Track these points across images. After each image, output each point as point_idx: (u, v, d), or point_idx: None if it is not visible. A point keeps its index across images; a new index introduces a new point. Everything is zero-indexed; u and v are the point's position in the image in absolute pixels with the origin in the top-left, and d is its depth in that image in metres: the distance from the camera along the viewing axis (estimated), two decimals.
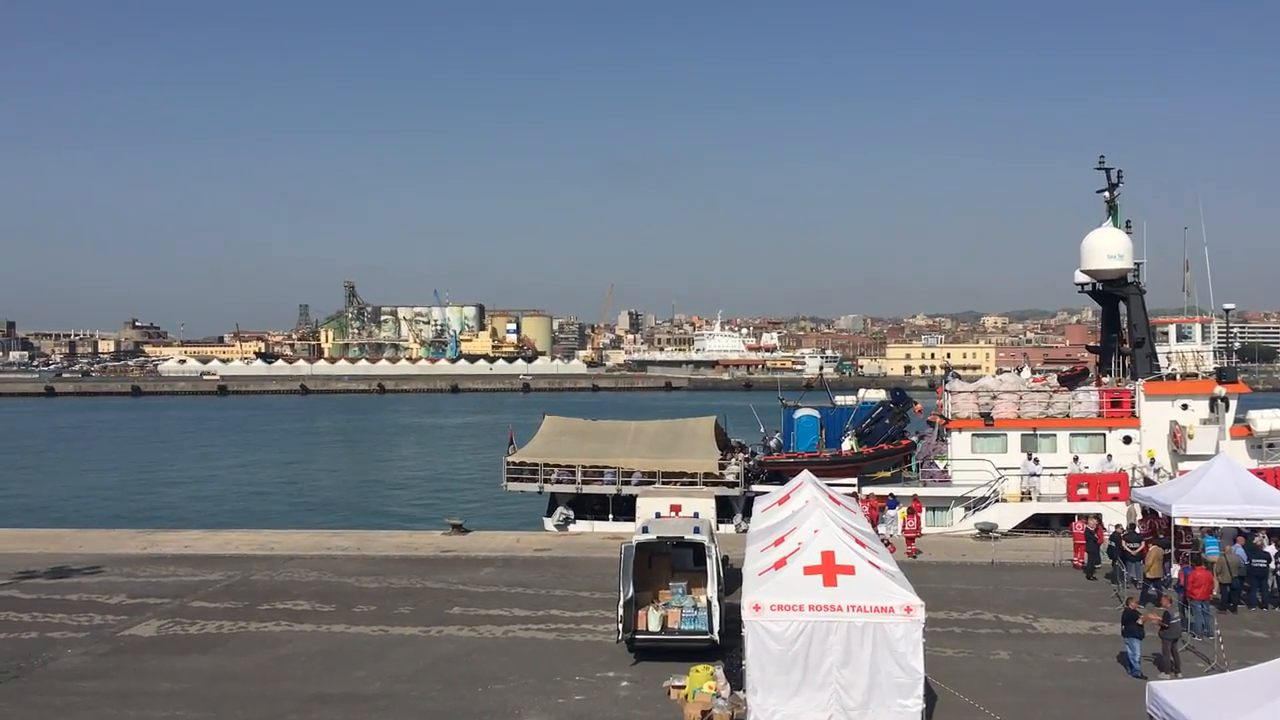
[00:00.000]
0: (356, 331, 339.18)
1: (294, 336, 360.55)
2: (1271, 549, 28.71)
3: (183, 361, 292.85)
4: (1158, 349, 43.67)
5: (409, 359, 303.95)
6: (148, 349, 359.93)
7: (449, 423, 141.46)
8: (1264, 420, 40.57)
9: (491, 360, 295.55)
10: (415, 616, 27.50)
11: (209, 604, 28.84)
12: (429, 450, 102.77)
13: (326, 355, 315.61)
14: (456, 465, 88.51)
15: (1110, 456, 41.16)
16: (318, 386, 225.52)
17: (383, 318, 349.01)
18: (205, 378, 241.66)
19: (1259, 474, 34.44)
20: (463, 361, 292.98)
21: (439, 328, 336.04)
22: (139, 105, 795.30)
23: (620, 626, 23.63)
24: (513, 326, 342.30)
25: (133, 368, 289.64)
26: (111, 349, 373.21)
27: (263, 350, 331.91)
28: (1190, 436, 40.51)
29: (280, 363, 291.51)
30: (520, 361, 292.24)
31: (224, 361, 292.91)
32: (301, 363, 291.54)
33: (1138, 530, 32.87)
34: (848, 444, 41.80)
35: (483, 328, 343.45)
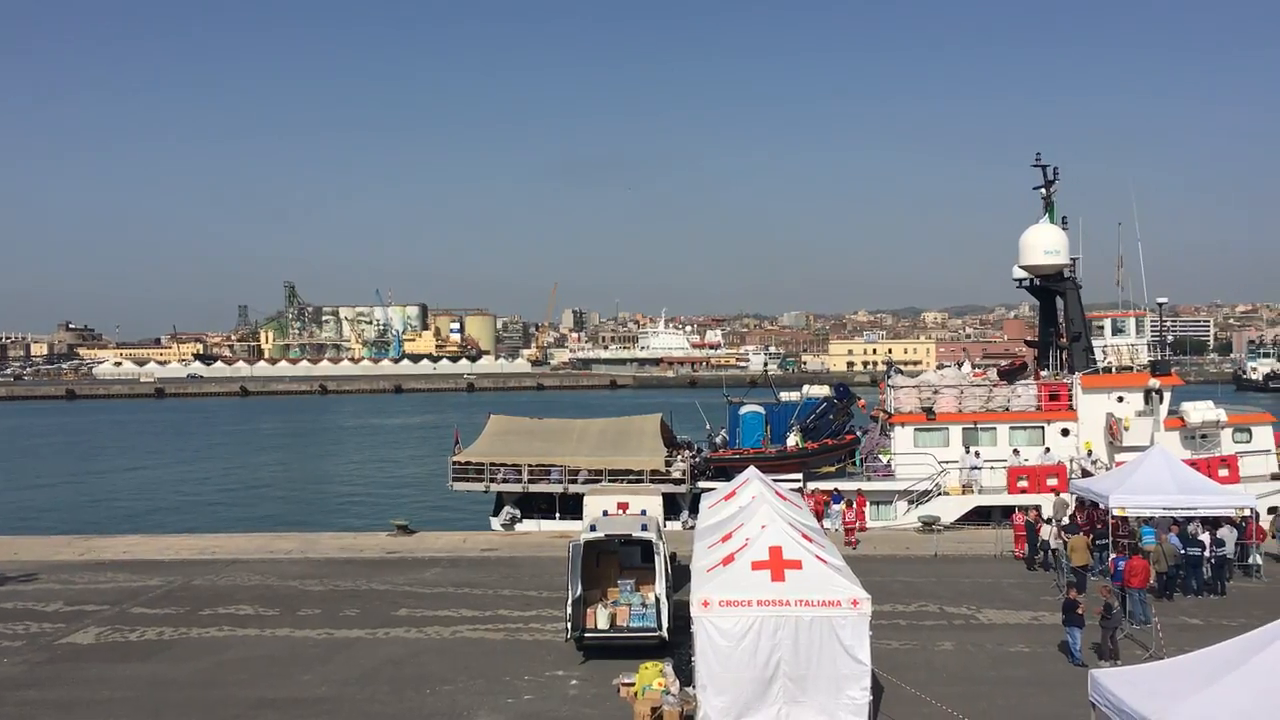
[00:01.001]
0: (297, 332, 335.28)
1: (233, 338, 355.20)
2: (1205, 538, 29.38)
3: (118, 364, 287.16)
4: (1094, 343, 44.47)
5: (351, 359, 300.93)
6: (82, 351, 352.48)
7: (393, 423, 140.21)
8: (1196, 412, 41.51)
9: (435, 360, 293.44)
10: (361, 619, 27.24)
11: (149, 610, 28.33)
12: (373, 451, 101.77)
13: (267, 356, 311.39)
14: (401, 466, 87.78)
15: (1048, 449, 41.87)
16: (258, 388, 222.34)
17: (324, 318, 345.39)
18: (143, 380, 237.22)
19: (1192, 464, 35.36)
20: (406, 361, 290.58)
21: (381, 327, 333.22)
22: (72, 103, 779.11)
23: (569, 625, 23.60)
24: (456, 326, 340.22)
25: (67, 371, 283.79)
26: (44, 352, 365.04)
27: (201, 352, 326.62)
28: (1126, 428, 41.35)
29: (219, 364, 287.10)
30: (464, 361, 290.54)
31: (161, 364, 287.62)
32: (241, 364, 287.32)
33: (1076, 521, 33.52)
34: (793, 440, 42.12)
35: (426, 327, 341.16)
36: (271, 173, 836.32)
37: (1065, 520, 34.08)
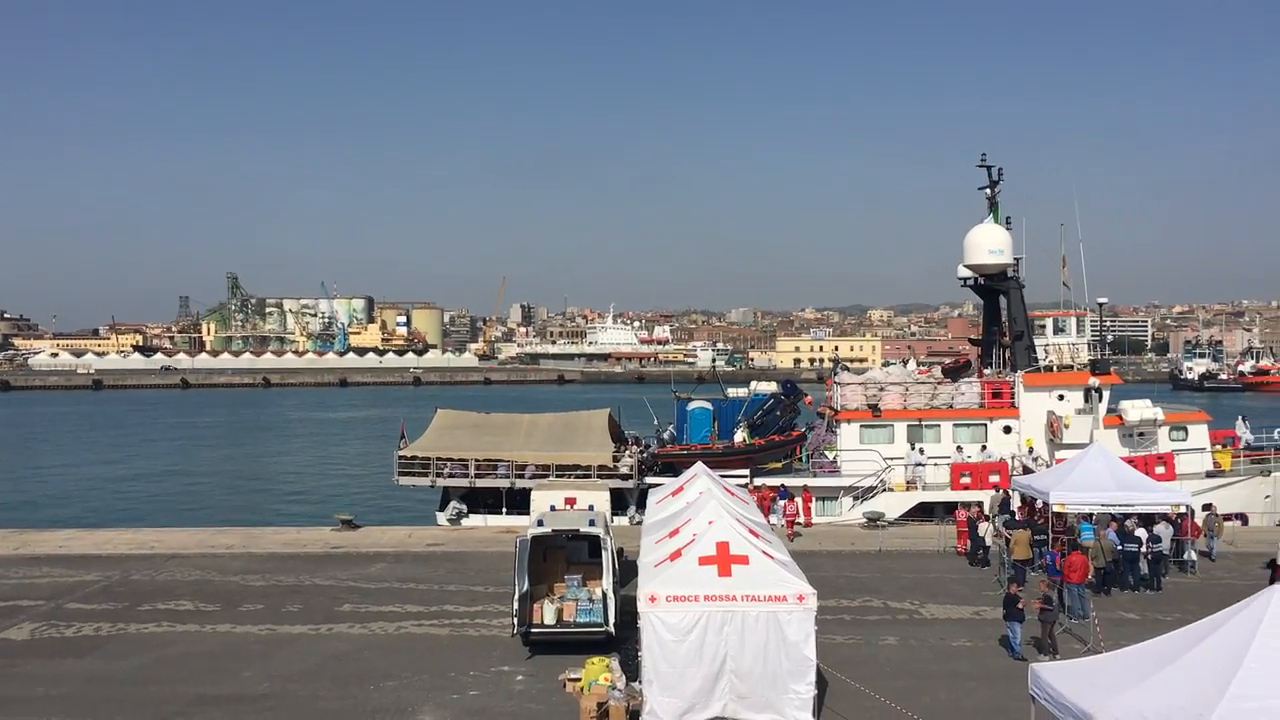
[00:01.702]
0: (240, 324, 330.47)
1: (174, 329, 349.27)
2: (1142, 534, 29.94)
3: (55, 355, 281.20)
4: (1036, 342, 45.11)
5: (295, 352, 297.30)
6: (17, 341, 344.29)
7: (338, 417, 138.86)
8: (1134, 410, 42.27)
9: (381, 353, 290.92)
10: (304, 614, 26.94)
11: (86, 605, 27.80)
12: (317, 445, 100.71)
13: (208, 348, 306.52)
14: (346, 460, 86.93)
15: (984, 447, 42.41)
16: (199, 380, 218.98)
17: (268, 310, 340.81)
18: (80, 372, 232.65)
19: (1130, 462, 35.98)
20: (351, 355, 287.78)
21: (326, 320, 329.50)
22: (9, 93, 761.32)
23: (515, 620, 23.53)
24: (403, 319, 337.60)
25: (1, 362, 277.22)
26: None
27: (140, 343, 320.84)
28: (1066, 426, 42.02)
29: (159, 356, 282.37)
30: (411, 355, 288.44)
31: (99, 355, 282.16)
32: (182, 356, 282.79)
33: (1016, 517, 34.01)
34: (740, 436, 42.31)
35: (372, 320, 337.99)
36: (214, 162, 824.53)
37: (1005, 516, 34.62)
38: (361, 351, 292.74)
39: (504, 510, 41.23)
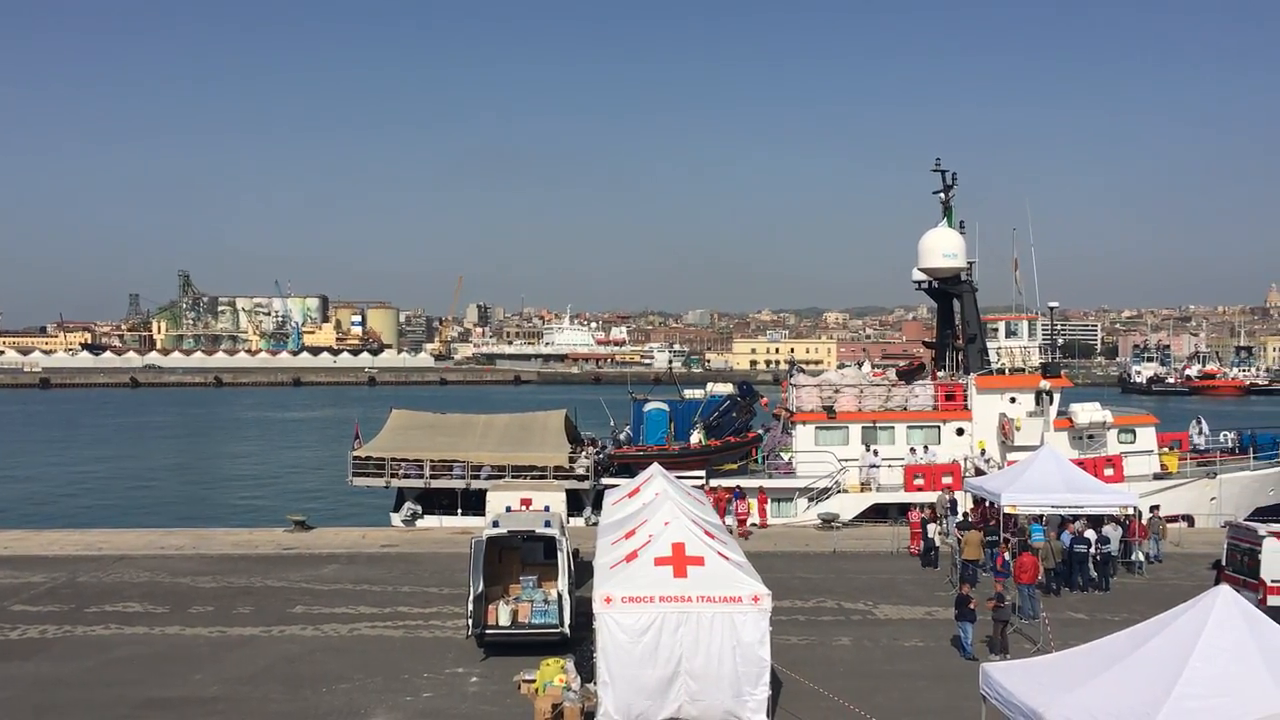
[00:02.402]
0: (192, 322, 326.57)
1: (124, 327, 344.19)
2: (1091, 535, 30.36)
3: (1, 353, 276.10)
4: (988, 345, 45.59)
5: (248, 351, 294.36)
6: None
7: (291, 417, 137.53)
8: (1084, 413, 42.87)
9: (336, 353, 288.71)
10: (255, 616, 26.65)
11: (31, 608, 27.29)
12: (270, 445, 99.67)
13: (159, 347, 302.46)
14: (299, 461, 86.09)
15: (926, 448, 42.77)
16: (149, 379, 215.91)
17: (220, 308, 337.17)
18: (27, 370, 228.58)
19: (1080, 464, 36.50)
20: (305, 354, 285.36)
21: (280, 319, 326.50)
22: None
23: (470, 622, 23.43)
24: (358, 318, 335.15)
25: None
26: None
27: (89, 341, 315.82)
28: (1018, 428, 42.51)
29: (108, 354, 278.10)
30: (366, 354, 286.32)
31: (46, 353, 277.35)
32: (132, 354, 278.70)
33: (969, 518, 34.38)
34: (696, 437, 42.39)
35: (326, 319, 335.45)
36: (166, 158, 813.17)
37: (957, 518, 34.99)
38: (316, 351, 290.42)
39: (459, 511, 41.01)
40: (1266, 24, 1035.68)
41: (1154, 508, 35.49)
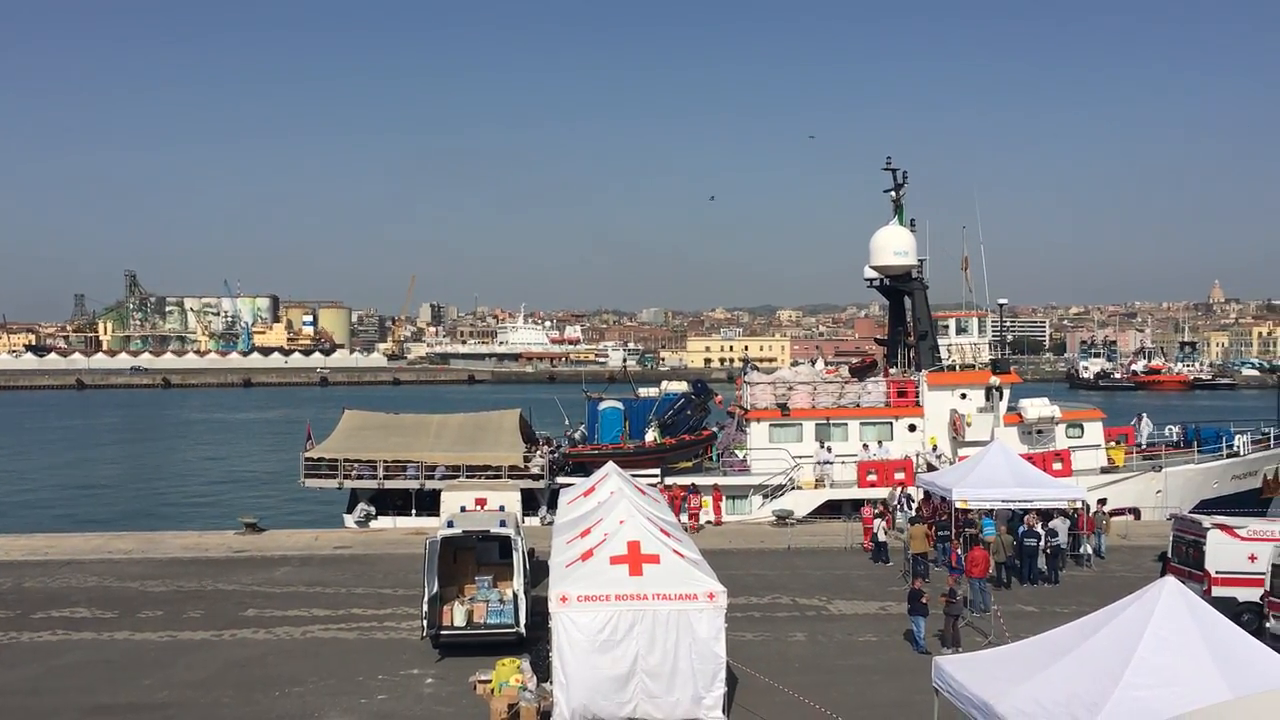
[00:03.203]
0: (139, 323, 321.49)
1: (69, 328, 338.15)
2: (1040, 529, 30.79)
3: None
4: (939, 341, 46.07)
5: (197, 352, 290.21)
6: None
7: (242, 418, 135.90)
8: (1033, 409, 43.44)
9: (287, 353, 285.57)
10: (206, 620, 26.33)
11: None
12: (220, 447, 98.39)
13: (106, 348, 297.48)
14: (250, 462, 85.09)
15: (880, 443, 43.09)
16: (96, 381, 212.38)
17: (168, 309, 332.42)
18: None
19: (1029, 459, 37.02)
20: (256, 354, 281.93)
21: (229, 319, 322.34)
22: None
23: (424, 622, 23.33)
24: (309, 318, 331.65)
25: None
26: None
27: (34, 343, 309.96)
28: (968, 424, 43.01)
29: (53, 356, 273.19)
30: (317, 354, 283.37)
31: None
32: (78, 356, 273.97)
33: (922, 512, 34.75)
34: (651, 435, 42.43)
35: (277, 320, 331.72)
36: (111, 156, 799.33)
37: (909, 511, 35.35)
38: (266, 351, 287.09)
39: (413, 512, 40.78)
40: (1209, 25, 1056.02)
41: (1101, 502, 36.10)
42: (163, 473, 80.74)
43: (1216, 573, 25.06)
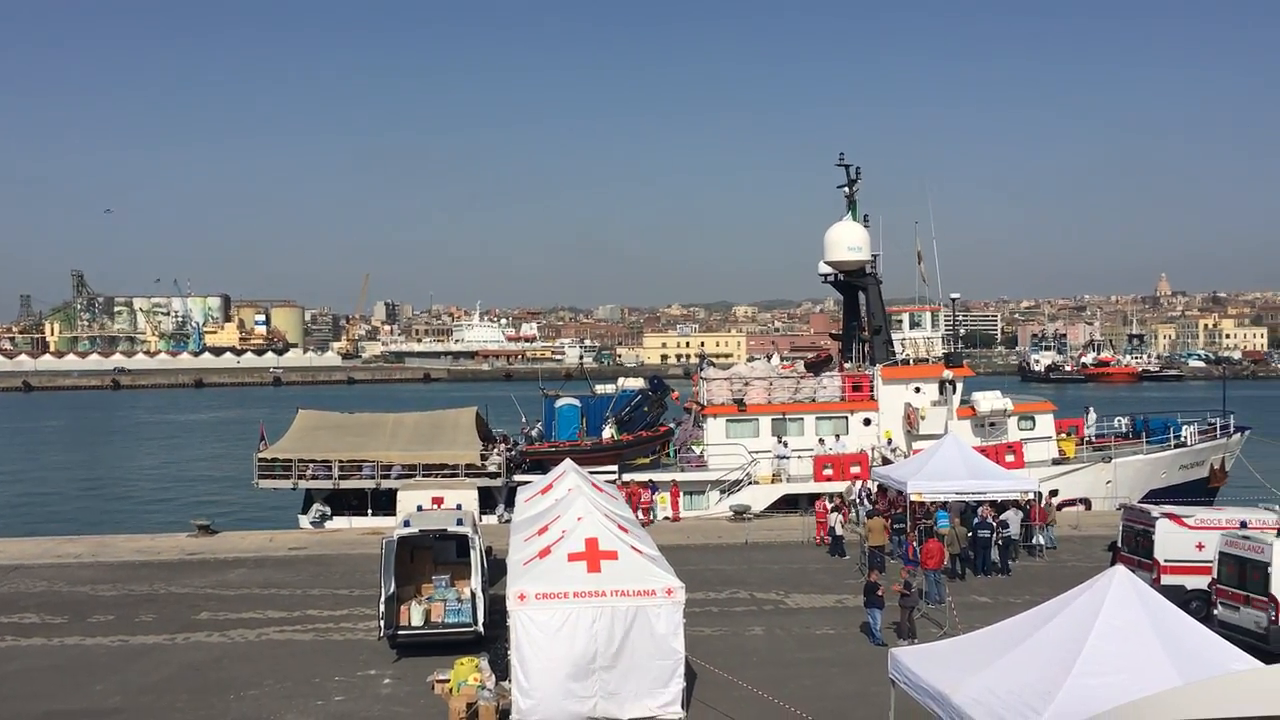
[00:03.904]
0: (87, 323, 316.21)
1: (14, 329, 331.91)
2: (993, 520, 31.17)
3: None
4: (893, 336, 46.46)
5: (147, 352, 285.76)
6: None
7: (193, 419, 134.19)
8: (985, 401, 43.93)
9: (239, 353, 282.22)
10: (159, 624, 26.00)
11: None
12: (172, 449, 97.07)
13: (53, 349, 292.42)
14: (203, 464, 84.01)
15: (836, 437, 43.33)
16: (43, 383, 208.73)
17: (116, 309, 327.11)
18: None
19: (982, 451, 37.45)
20: (207, 354, 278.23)
21: (180, 319, 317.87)
22: None
23: (382, 623, 23.18)
24: (261, 318, 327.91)
25: None
26: None
27: None
28: (922, 418, 43.39)
29: None
30: (270, 354, 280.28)
31: None
32: (24, 357, 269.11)
33: (877, 506, 35.03)
34: (608, 432, 42.44)
35: (229, 319, 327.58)
36: (57, 153, 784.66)
37: (867, 506, 35.63)
38: (218, 351, 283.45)
39: (369, 511, 40.49)
40: (1155, 21, 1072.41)
41: (1052, 493, 36.56)
42: (113, 475, 79.54)
43: (1165, 561, 25.49)
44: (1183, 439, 45.40)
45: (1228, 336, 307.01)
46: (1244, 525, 24.79)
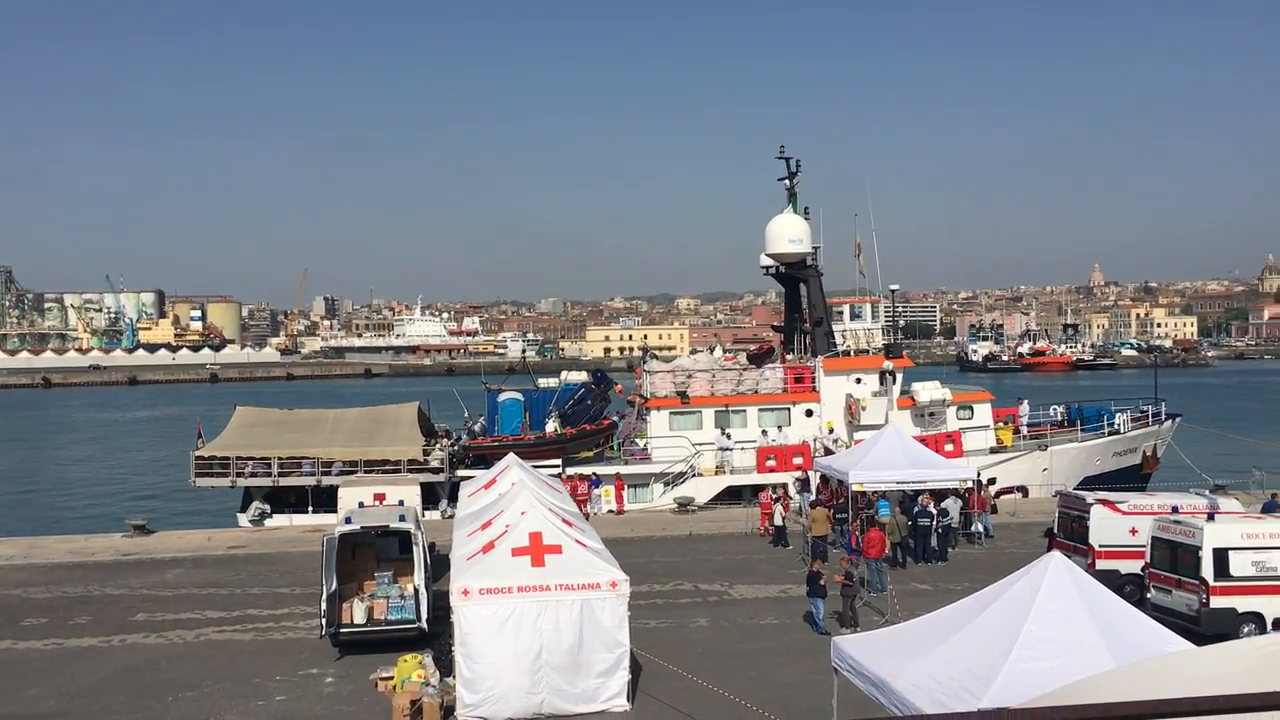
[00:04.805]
0: (16, 321, 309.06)
1: None
2: (933, 508, 31.58)
3: None
4: (834, 327, 46.79)
5: (79, 350, 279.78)
6: None
7: (127, 417, 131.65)
8: (925, 392, 44.43)
9: (174, 350, 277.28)
10: (94, 626, 25.49)
11: None
12: (106, 448, 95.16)
13: None
14: (138, 463, 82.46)
15: (779, 428, 43.64)
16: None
17: (46, 305, 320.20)
18: None
19: (922, 440, 37.86)
20: (141, 351, 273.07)
21: (113, 316, 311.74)
22: None
23: (323, 621, 22.92)
24: (197, 313, 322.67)
25: None
26: None
27: None
28: (863, 408, 43.78)
29: None
30: (207, 350, 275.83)
31: None
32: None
33: (820, 496, 35.32)
34: (551, 426, 42.29)
35: (163, 315, 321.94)
36: None
37: (808, 495, 35.90)
38: (152, 348, 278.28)
39: (310, 509, 40.01)
40: (1088, 19, 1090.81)
41: (990, 480, 37.10)
42: (44, 475, 77.79)
43: (1100, 546, 25.98)
44: (1116, 427, 46.26)
45: (1159, 326, 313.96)
46: (1176, 510, 25.31)
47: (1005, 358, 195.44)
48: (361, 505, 29.38)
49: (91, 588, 29.49)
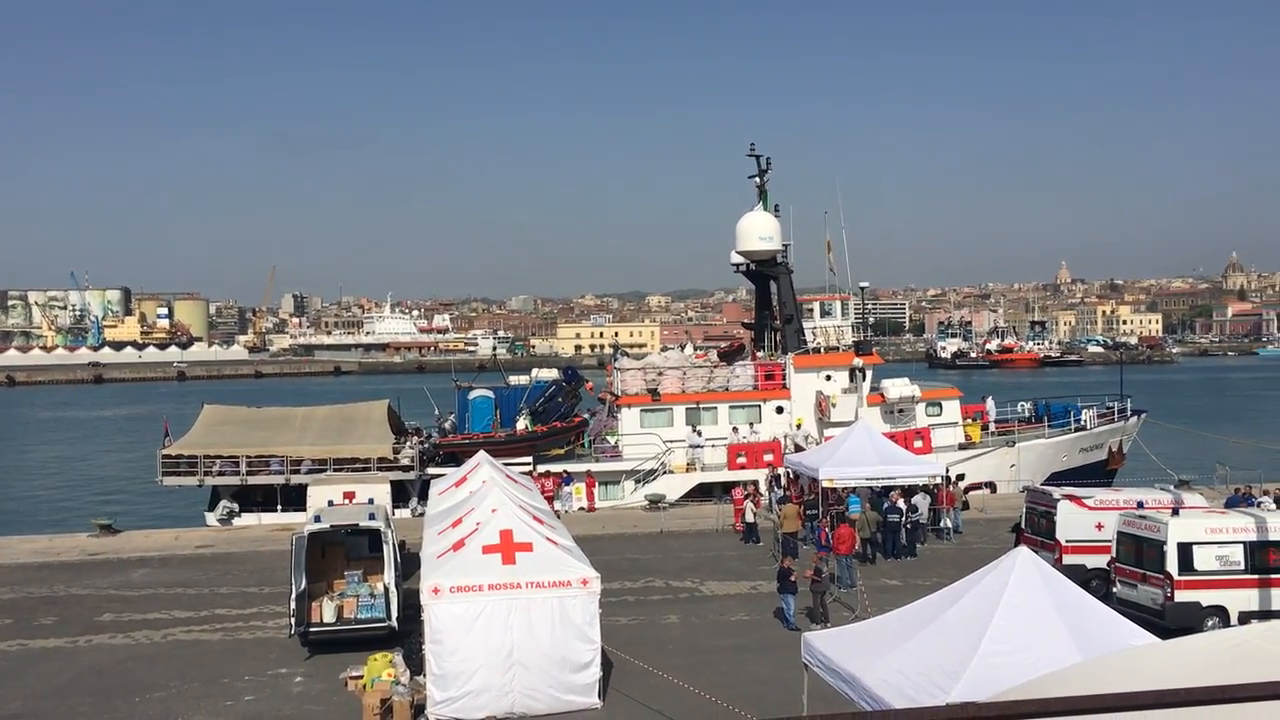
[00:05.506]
0: None
1: None
2: (903, 505, 31.78)
3: None
4: (804, 325, 46.98)
5: (43, 348, 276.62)
6: None
7: (93, 415, 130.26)
8: (895, 388, 44.71)
9: (141, 347, 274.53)
10: (59, 627, 25.22)
11: None
12: (71, 447, 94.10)
13: None
14: (104, 462, 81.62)
15: (750, 425, 43.76)
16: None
17: (10, 302, 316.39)
18: None
19: (892, 437, 38.11)
20: (107, 349, 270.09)
21: (78, 313, 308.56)
22: None
23: (293, 620, 22.79)
24: (164, 311, 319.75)
25: None
26: None
27: None
28: (833, 405, 43.99)
29: None
30: (174, 348, 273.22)
31: None
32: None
33: (789, 493, 35.47)
34: (522, 423, 42.22)
35: (130, 313, 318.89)
36: None
37: (778, 491, 36.03)
38: (118, 346, 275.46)
39: (279, 508, 39.73)
40: (1051, 17, 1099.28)
41: (959, 477, 37.35)
42: (8, 475, 76.85)
43: (1067, 541, 26.24)
44: (1082, 423, 46.73)
45: (1125, 323, 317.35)
46: (1141, 505, 25.59)
47: (974, 355, 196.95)
48: (331, 503, 29.22)
49: (57, 588, 29.17)
